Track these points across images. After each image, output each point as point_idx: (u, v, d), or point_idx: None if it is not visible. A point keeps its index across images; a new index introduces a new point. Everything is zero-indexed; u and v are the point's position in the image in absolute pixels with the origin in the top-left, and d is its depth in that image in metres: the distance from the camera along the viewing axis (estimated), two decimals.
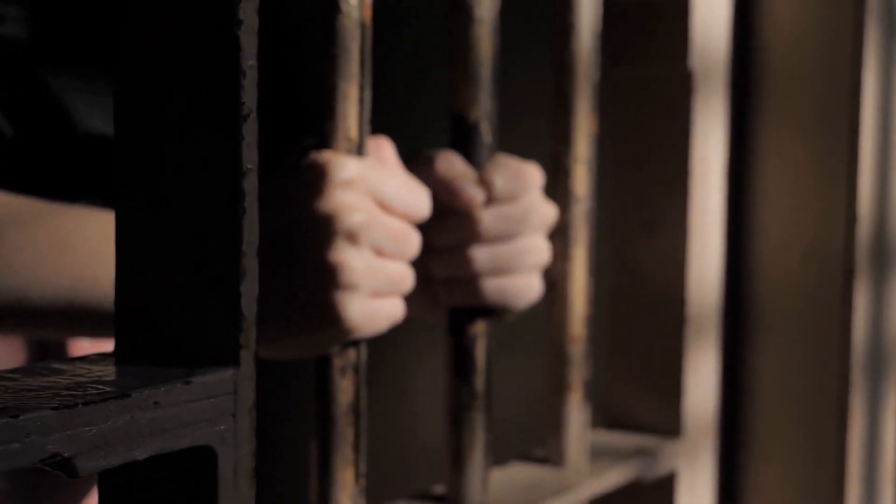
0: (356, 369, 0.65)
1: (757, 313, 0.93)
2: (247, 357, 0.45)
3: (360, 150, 0.64)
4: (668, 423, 0.89)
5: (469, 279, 0.71)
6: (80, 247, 0.64)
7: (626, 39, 0.89)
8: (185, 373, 0.43)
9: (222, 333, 0.44)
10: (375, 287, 0.63)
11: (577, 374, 0.81)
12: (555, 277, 0.80)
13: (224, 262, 0.44)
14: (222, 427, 0.44)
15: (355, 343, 0.65)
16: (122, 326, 0.47)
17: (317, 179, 0.61)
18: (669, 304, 0.88)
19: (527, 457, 0.84)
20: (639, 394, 0.91)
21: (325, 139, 0.64)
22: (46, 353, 0.82)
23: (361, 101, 0.64)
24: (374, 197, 0.63)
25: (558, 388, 0.81)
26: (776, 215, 0.92)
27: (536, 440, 0.86)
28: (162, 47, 0.45)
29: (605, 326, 0.90)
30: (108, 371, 0.44)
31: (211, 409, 0.43)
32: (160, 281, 0.46)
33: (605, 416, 0.92)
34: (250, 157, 0.44)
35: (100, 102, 0.80)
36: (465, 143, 0.72)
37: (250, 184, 0.44)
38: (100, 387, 0.41)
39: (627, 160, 0.90)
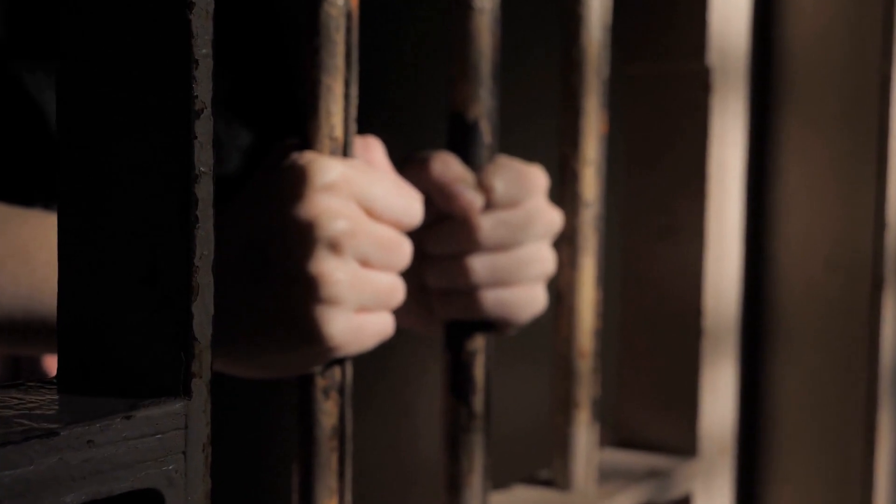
0: (341, 390, 0.60)
1: (778, 325, 0.90)
2: (199, 386, 0.39)
3: (345, 151, 0.60)
4: (682, 441, 0.86)
5: (467, 291, 0.67)
6: (40, 254, 0.59)
7: (639, 33, 0.86)
8: (127, 405, 0.38)
9: (171, 359, 0.39)
10: (361, 301, 0.58)
11: (585, 391, 0.77)
12: (561, 288, 0.76)
13: (174, 278, 0.39)
14: (171, 467, 0.38)
15: (340, 361, 0.60)
16: (64, 348, 0.42)
17: (296, 183, 0.56)
18: (685, 315, 0.85)
19: (531, 479, 0.80)
20: (651, 411, 0.87)
21: (307, 139, 0.59)
22: (19, 369, 0.77)
23: (347, 97, 0.59)
24: (360, 202, 0.58)
25: (565, 406, 0.77)
26: (798, 220, 0.89)
27: (541, 461, 0.83)
28: (105, 33, 0.40)
29: (615, 340, 0.87)
30: (42, 402, 0.39)
31: (157, 447, 0.38)
32: (103, 298, 0.40)
33: (615, 434, 0.88)
34: (204, 159, 0.39)
35: None
36: (464, 144, 0.68)
37: (204, 189, 0.39)
38: (26, 422, 0.36)
39: (640, 162, 0.87)
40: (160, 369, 0.40)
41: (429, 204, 0.66)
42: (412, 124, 1.05)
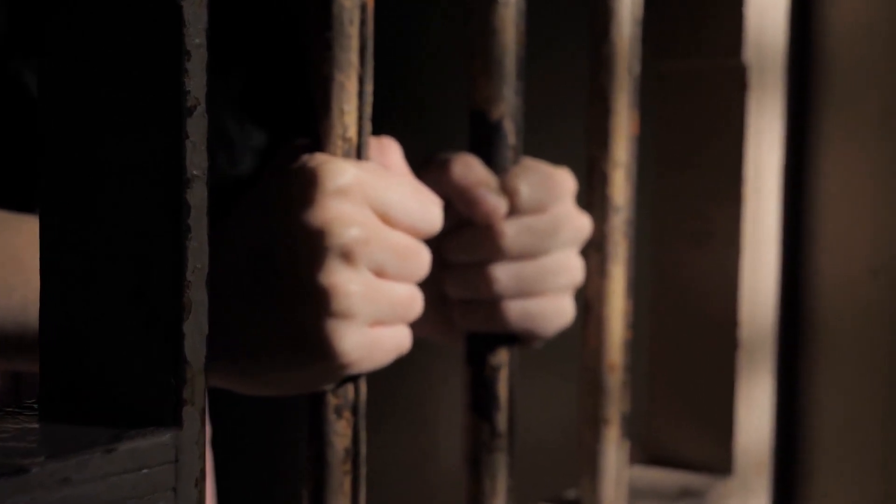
0: (355, 409, 0.57)
1: (816, 335, 0.89)
2: (192, 415, 0.35)
3: (359, 153, 0.56)
4: (717, 459, 0.83)
5: (490, 301, 0.65)
6: (35, 263, 0.56)
7: (671, 28, 0.84)
8: (109, 436, 0.34)
9: (160, 384, 0.35)
10: (376, 314, 0.55)
11: (615, 406, 0.74)
12: (589, 298, 0.73)
13: (164, 294, 0.35)
14: None
15: (354, 378, 0.57)
16: (45, 371, 0.38)
17: (306, 187, 0.53)
18: (719, 325, 0.83)
19: (557, 499, 0.77)
20: (684, 426, 0.85)
21: (318, 140, 0.56)
22: (20, 385, 0.73)
23: (361, 94, 0.55)
24: (375, 207, 0.55)
25: (593, 422, 0.74)
26: (838, 225, 0.87)
27: (568, 480, 0.79)
28: (89, 23, 0.36)
29: (646, 352, 0.85)
30: (17, 431, 0.35)
31: (143, 484, 0.34)
32: (87, 316, 0.36)
33: (646, 451, 0.86)
34: (197, 161, 0.35)
35: None
36: (486, 145, 0.66)
37: (197, 195, 0.35)
38: None
39: (672, 164, 0.84)
40: (148, 396, 0.36)
41: (449, 209, 0.64)
42: (431, 125, 1.03)
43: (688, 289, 0.83)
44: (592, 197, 0.73)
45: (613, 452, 0.74)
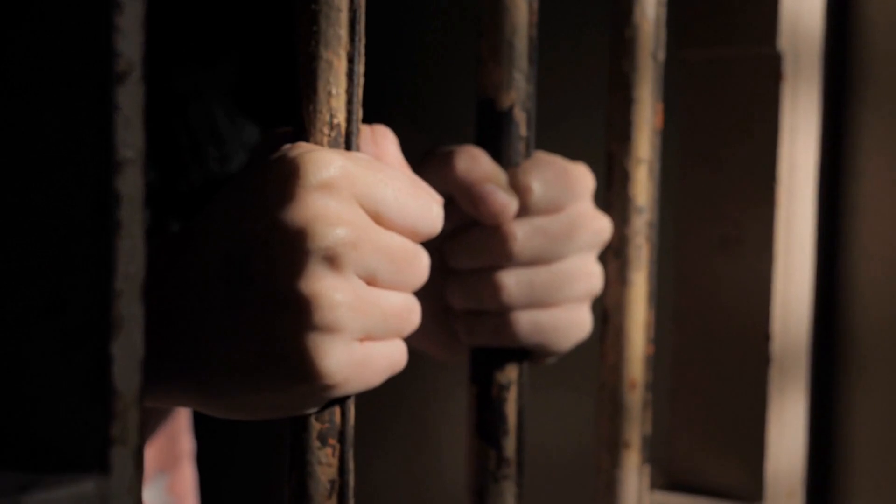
0: (341, 436, 0.51)
1: (854, 350, 0.86)
2: (123, 458, 0.28)
3: (348, 142, 0.51)
4: (745, 485, 0.80)
5: (497, 312, 0.61)
6: None
7: (698, 13, 0.80)
8: (17, 485, 0.27)
9: (83, 420, 0.28)
10: (366, 327, 0.49)
11: (636, 429, 0.71)
12: (608, 307, 0.70)
13: (88, 307, 0.28)
14: None
15: (340, 401, 0.51)
16: None
17: (285, 181, 0.47)
18: (749, 339, 0.79)
19: None
20: (709, 449, 0.81)
21: (301, 127, 0.51)
22: None
23: (351, 75, 0.50)
24: (366, 205, 0.49)
25: (612, 446, 0.71)
26: (879, 230, 0.85)
27: None
28: None
29: (669, 368, 0.82)
30: None
31: None
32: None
33: (667, 476, 0.83)
34: (130, 140, 0.28)
35: None
36: (495, 136, 0.62)
37: (130, 182, 0.28)
38: None
39: (698, 162, 0.81)
40: (68, 433, 0.29)
41: (452, 208, 0.61)
42: (434, 113, 0.99)
43: (714, 299, 0.80)
44: (612, 196, 0.70)
45: (634, 479, 0.71)
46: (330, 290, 0.47)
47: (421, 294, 0.59)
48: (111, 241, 0.29)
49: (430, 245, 0.60)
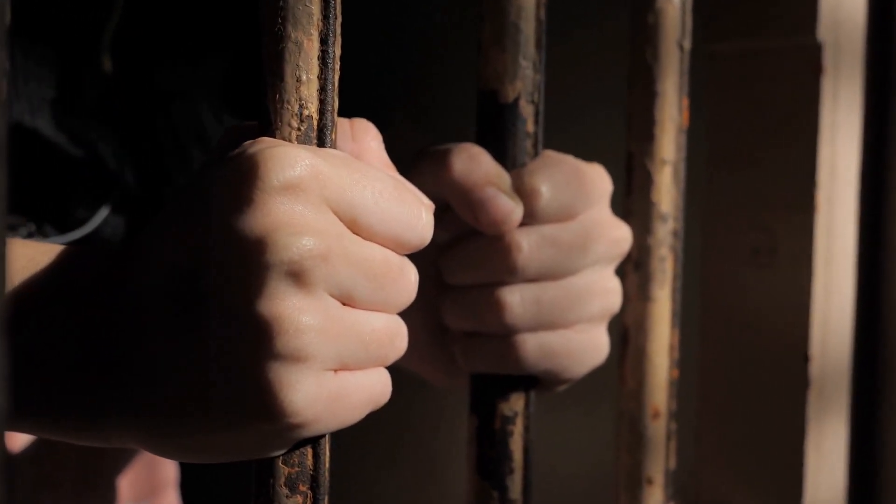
0: (314, 482, 0.45)
1: None
2: None
3: (321, 137, 0.45)
4: None
5: (500, 335, 0.58)
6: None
7: (728, 4, 0.78)
8: None
9: None
10: (341, 355, 0.43)
11: (659, 463, 0.67)
12: (628, 328, 0.66)
13: None
14: None
15: (313, 441, 0.45)
16: None
17: (243, 183, 0.42)
18: (784, 360, 0.77)
19: None
20: (739, 481, 0.79)
21: (266, 119, 0.45)
22: None
23: (325, 58, 0.44)
24: (339, 210, 0.43)
25: (633, 481, 0.67)
26: None
27: None
28: None
29: (695, 394, 0.80)
30: None
31: None
32: None
33: None
34: None
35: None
36: (497, 132, 0.58)
37: None
38: None
39: (728, 165, 0.79)
40: None
41: (448, 215, 0.57)
42: (438, 110, 0.96)
43: (746, 316, 0.79)
44: (632, 202, 0.67)
45: None
46: (295, 311, 0.41)
47: (414, 311, 0.53)
48: None
49: (425, 257, 0.55)
